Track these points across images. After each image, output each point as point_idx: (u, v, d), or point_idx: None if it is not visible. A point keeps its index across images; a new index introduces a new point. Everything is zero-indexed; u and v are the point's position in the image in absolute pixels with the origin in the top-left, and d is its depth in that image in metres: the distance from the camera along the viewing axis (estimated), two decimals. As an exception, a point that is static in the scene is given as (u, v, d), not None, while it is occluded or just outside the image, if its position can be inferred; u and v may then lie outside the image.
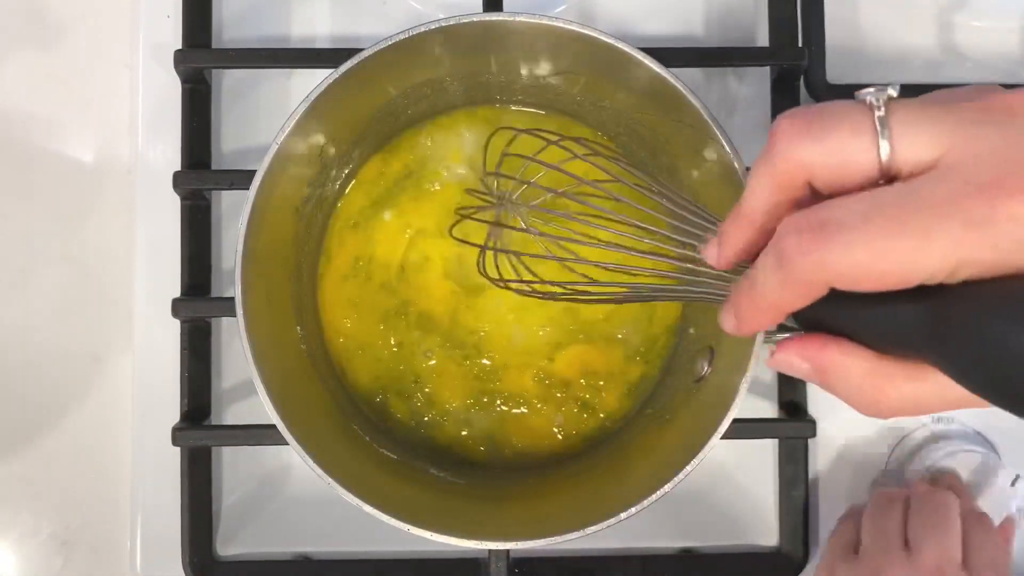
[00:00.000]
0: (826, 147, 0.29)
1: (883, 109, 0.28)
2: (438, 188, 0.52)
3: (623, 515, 0.43)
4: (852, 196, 0.28)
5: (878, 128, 0.28)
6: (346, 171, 0.52)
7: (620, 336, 0.52)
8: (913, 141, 0.28)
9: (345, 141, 0.50)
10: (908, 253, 0.27)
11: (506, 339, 0.52)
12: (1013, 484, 0.51)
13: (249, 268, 0.45)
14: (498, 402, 0.52)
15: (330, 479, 0.43)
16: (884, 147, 0.28)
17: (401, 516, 0.43)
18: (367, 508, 0.43)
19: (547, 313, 0.52)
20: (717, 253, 0.34)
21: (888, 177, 0.28)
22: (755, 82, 0.56)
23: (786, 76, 0.54)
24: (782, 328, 0.33)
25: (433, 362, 0.52)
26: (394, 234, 0.52)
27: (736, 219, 0.32)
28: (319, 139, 0.48)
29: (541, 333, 0.52)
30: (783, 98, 0.55)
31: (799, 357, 0.32)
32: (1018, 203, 0.26)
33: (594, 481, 0.49)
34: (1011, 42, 0.57)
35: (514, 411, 0.52)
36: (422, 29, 0.44)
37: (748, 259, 0.33)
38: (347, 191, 0.53)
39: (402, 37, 0.44)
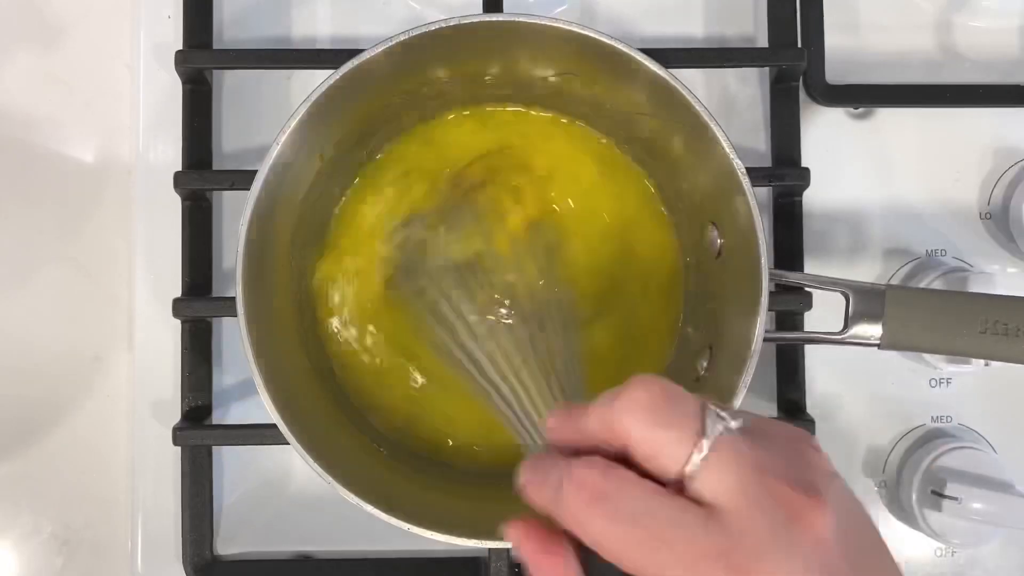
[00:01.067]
0: (653, 438, 0.30)
1: (712, 440, 0.30)
2: (439, 187, 0.52)
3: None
4: (640, 489, 0.30)
5: (695, 453, 0.30)
6: (347, 171, 0.52)
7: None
8: (712, 479, 0.30)
9: (346, 141, 0.50)
10: (644, 570, 0.30)
11: (509, 340, 0.52)
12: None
13: (250, 268, 0.45)
14: (499, 402, 0.52)
15: (330, 478, 0.43)
16: (691, 469, 0.30)
17: (401, 515, 0.43)
18: (367, 507, 0.43)
19: (549, 333, 0.52)
20: (550, 430, 0.35)
21: (679, 485, 0.30)
22: (755, 83, 0.56)
23: (785, 77, 0.54)
24: None
25: (434, 361, 0.52)
26: (395, 233, 0.52)
27: (565, 420, 0.34)
28: (320, 139, 0.48)
29: (542, 336, 0.52)
30: (782, 98, 0.55)
31: (532, 554, 0.33)
32: None
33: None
34: (1011, 42, 0.57)
35: (515, 411, 0.52)
36: (423, 30, 0.44)
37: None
38: (348, 191, 0.53)
39: (403, 38, 0.44)
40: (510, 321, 0.47)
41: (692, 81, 0.45)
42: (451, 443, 0.52)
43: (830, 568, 0.29)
